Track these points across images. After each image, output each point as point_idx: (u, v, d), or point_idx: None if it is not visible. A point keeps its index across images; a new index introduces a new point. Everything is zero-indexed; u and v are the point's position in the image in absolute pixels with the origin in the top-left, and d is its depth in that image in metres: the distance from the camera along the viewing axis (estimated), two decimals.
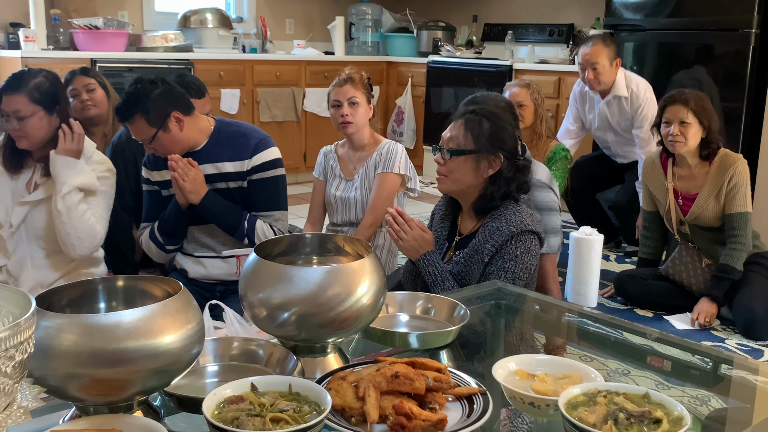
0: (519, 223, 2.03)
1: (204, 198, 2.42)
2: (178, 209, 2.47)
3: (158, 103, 2.37)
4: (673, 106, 3.01)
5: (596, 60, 3.75)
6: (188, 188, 2.39)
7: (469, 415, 1.08)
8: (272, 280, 1.19)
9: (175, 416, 1.13)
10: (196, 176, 2.40)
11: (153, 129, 2.37)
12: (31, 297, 0.88)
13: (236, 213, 2.48)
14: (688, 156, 3.06)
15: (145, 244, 2.59)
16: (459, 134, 2.08)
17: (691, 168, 3.09)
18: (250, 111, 5.53)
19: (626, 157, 4.02)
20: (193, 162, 2.41)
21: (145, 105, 2.35)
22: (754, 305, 2.93)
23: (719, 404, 1.40)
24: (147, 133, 2.38)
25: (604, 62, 3.75)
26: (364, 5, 6.53)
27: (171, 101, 2.40)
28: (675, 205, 3.12)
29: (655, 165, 3.21)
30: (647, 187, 3.25)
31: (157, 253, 2.59)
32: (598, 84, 3.81)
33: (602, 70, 3.76)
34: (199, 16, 5.61)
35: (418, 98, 6.13)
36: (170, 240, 2.55)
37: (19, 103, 2.34)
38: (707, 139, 3.01)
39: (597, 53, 3.74)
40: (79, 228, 2.41)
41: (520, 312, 1.85)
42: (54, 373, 0.96)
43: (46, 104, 2.39)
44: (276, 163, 2.52)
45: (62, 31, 4.97)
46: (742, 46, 3.97)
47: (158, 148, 2.42)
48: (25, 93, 2.35)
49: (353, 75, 2.82)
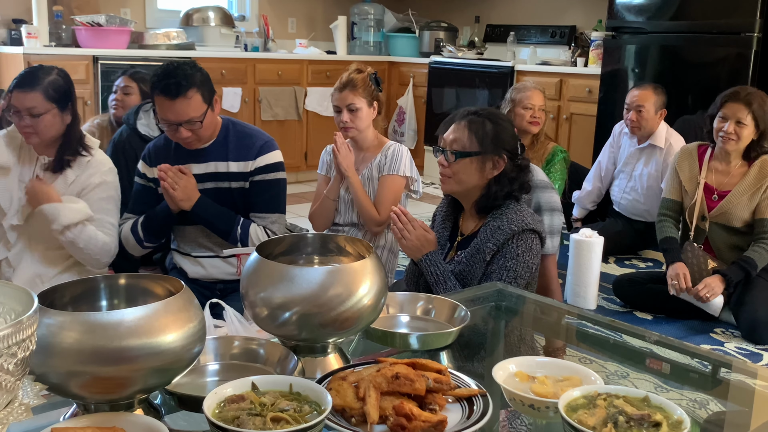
0: (520, 222, 2.03)
1: (196, 204, 2.42)
2: (168, 212, 2.46)
3: (208, 80, 2.38)
4: (734, 104, 2.97)
5: (642, 104, 3.79)
6: (179, 197, 2.38)
7: (468, 417, 1.08)
8: (273, 279, 1.20)
9: (176, 415, 1.13)
10: (187, 183, 2.39)
11: (205, 105, 2.35)
12: (34, 294, 0.88)
13: (229, 218, 2.47)
14: (732, 153, 3.06)
15: (123, 236, 2.56)
16: (463, 136, 2.08)
17: (730, 165, 3.09)
18: (252, 110, 5.53)
19: (638, 215, 4.00)
20: (185, 169, 2.40)
21: (199, 79, 2.32)
22: (756, 309, 2.94)
23: (718, 408, 1.40)
24: (200, 110, 2.34)
25: (650, 108, 3.79)
26: (366, 5, 6.53)
27: (210, 82, 2.42)
28: (702, 199, 3.12)
29: (693, 156, 3.19)
30: (677, 175, 3.23)
31: (134, 246, 2.56)
32: (638, 128, 3.83)
33: (646, 115, 3.80)
34: (201, 14, 5.62)
35: (420, 98, 6.13)
36: (151, 238, 2.54)
37: (35, 100, 2.34)
38: (758, 141, 3.01)
39: (645, 97, 3.79)
40: (93, 250, 2.44)
41: (520, 314, 1.85)
42: (55, 370, 0.97)
43: (60, 102, 2.39)
44: (278, 166, 2.52)
45: (64, 27, 4.97)
46: (744, 49, 3.97)
47: (203, 130, 2.37)
48: (40, 90, 2.35)
49: (354, 77, 2.77)
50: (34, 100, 2.34)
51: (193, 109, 2.33)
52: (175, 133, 2.38)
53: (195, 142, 2.42)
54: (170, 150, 2.51)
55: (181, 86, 2.29)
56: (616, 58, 4.60)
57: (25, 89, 2.34)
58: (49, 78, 2.38)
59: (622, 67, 4.57)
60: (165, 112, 2.34)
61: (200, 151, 2.47)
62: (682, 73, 4.22)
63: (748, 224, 3.05)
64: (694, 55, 4.23)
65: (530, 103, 3.54)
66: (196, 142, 2.43)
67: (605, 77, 4.67)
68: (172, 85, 2.29)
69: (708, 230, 3.13)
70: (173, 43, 5.24)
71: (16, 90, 2.36)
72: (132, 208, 2.60)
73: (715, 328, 3.10)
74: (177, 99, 2.30)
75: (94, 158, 2.49)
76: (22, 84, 2.36)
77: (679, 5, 4.24)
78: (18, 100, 2.35)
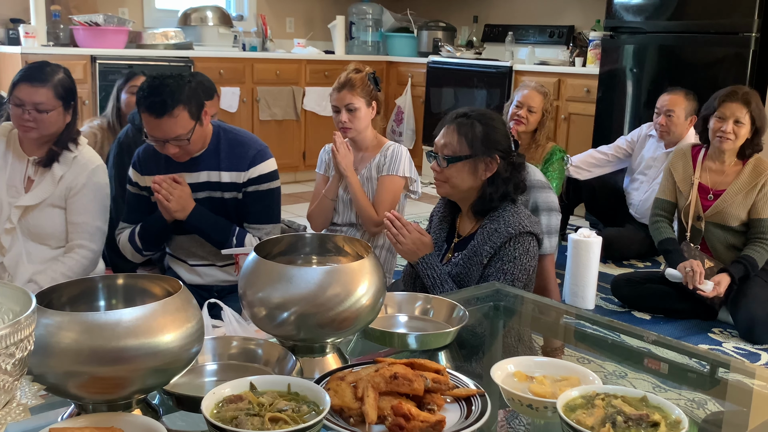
0: (517, 224, 2.03)
1: (191, 214, 2.37)
2: (163, 223, 2.41)
3: (196, 94, 2.28)
4: (732, 103, 2.97)
5: (673, 108, 3.79)
6: (174, 208, 2.33)
7: (467, 417, 1.08)
8: (272, 279, 1.20)
9: (174, 415, 1.13)
10: (182, 194, 2.34)
11: (193, 122, 2.28)
12: (32, 294, 0.88)
13: (224, 228, 2.43)
14: (727, 152, 3.06)
15: (122, 245, 2.53)
16: (453, 140, 2.08)
17: (724, 164, 3.09)
18: (250, 109, 5.53)
19: (644, 215, 3.96)
20: (179, 179, 2.35)
21: (187, 96, 2.24)
22: (755, 309, 2.94)
23: (716, 407, 1.40)
24: (188, 127, 2.26)
25: (680, 113, 3.79)
26: (364, 5, 6.53)
27: (202, 92, 2.34)
28: (697, 199, 3.12)
29: (686, 156, 3.20)
30: (671, 176, 3.23)
31: (132, 254, 2.53)
32: (667, 133, 3.82)
33: (676, 120, 3.79)
34: (199, 14, 5.62)
35: (418, 98, 6.13)
36: (149, 247, 2.51)
37: (44, 96, 2.33)
38: (752, 140, 3.02)
39: (676, 102, 3.79)
40: (79, 273, 2.45)
41: (518, 314, 1.85)
42: (53, 370, 0.96)
43: (65, 101, 2.39)
44: (272, 175, 2.47)
45: (62, 27, 4.97)
46: (742, 49, 3.98)
47: (191, 146, 2.31)
48: (50, 87, 2.34)
49: (352, 77, 2.76)
50: (43, 95, 2.33)
51: (180, 127, 2.25)
52: (162, 148, 2.32)
53: (183, 155, 2.37)
54: (160, 158, 2.44)
55: (166, 105, 2.20)
56: (614, 58, 4.61)
57: (35, 84, 2.33)
58: (58, 76, 2.38)
59: (621, 67, 4.58)
60: (151, 130, 2.27)
61: (191, 160, 2.42)
62: (680, 73, 4.22)
63: (744, 223, 3.06)
64: (692, 55, 4.23)
65: (520, 101, 3.59)
66: (185, 155, 2.37)
67: (603, 77, 4.67)
68: (158, 103, 2.21)
69: (704, 230, 3.13)
70: (171, 42, 5.23)
71: (24, 83, 2.33)
72: (127, 216, 2.55)
73: (713, 327, 3.10)
74: (162, 118, 2.22)
75: (80, 155, 2.47)
76: (32, 78, 2.34)
77: (678, 5, 4.25)
78: (26, 93, 2.32)
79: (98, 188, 2.49)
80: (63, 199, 2.45)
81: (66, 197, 2.45)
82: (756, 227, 3.03)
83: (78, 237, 2.47)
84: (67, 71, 2.45)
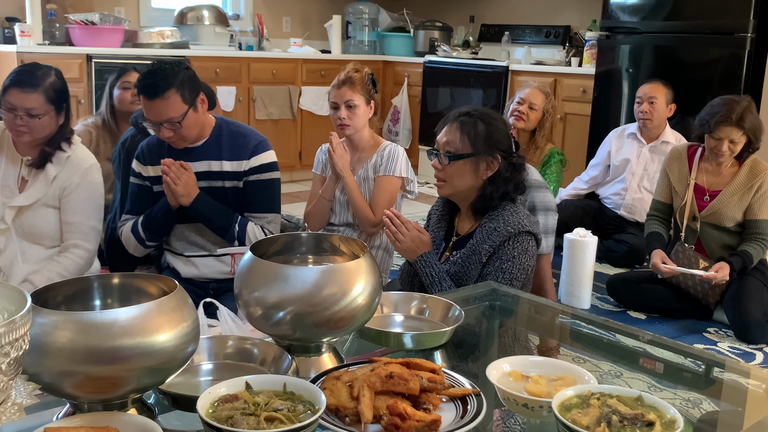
0: (516, 223, 2.03)
1: (195, 200, 2.41)
2: (168, 209, 2.45)
3: (191, 80, 2.37)
4: (727, 127, 2.96)
5: (655, 95, 3.90)
6: (180, 192, 2.37)
7: (462, 416, 1.09)
8: (268, 279, 1.20)
9: (169, 414, 1.13)
10: (188, 179, 2.39)
11: (185, 106, 2.34)
12: (27, 294, 0.88)
13: (227, 216, 2.47)
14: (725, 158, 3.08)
15: (124, 237, 2.55)
16: (455, 138, 2.08)
17: (720, 165, 3.10)
18: (246, 109, 5.52)
19: (633, 211, 4.01)
20: (186, 164, 2.39)
21: (180, 80, 2.32)
22: (749, 308, 2.95)
23: (711, 407, 1.40)
24: (179, 110, 2.33)
25: (662, 100, 3.90)
26: (361, 4, 6.53)
27: (198, 82, 2.41)
28: (692, 199, 3.13)
29: (682, 157, 3.22)
30: (667, 177, 3.25)
31: (135, 247, 2.56)
32: (650, 120, 3.90)
33: (659, 107, 3.90)
34: (195, 13, 5.61)
35: (414, 98, 6.13)
36: (153, 237, 2.53)
37: (35, 101, 2.32)
38: (749, 145, 3.03)
39: (656, 90, 3.91)
40: (74, 273, 2.44)
41: (514, 313, 1.86)
42: (49, 370, 0.96)
43: (57, 104, 2.39)
44: (273, 166, 2.52)
45: (58, 26, 4.95)
46: (738, 49, 3.99)
47: (184, 131, 2.37)
48: (41, 92, 2.33)
49: (352, 75, 2.78)
50: (35, 101, 2.32)
51: (172, 110, 2.33)
52: (159, 131, 2.40)
53: (179, 141, 2.42)
54: (164, 149, 2.49)
55: (158, 87, 2.29)
56: (610, 58, 4.61)
57: (26, 89, 2.32)
58: (50, 79, 2.37)
59: (617, 67, 4.59)
60: (146, 111, 2.38)
61: (193, 149, 2.46)
62: (676, 73, 4.23)
63: (740, 224, 3.07)
64: (688, 56, 4.24)
65: (522, 98, 3.64)
66: (180, 141, 2.42)
67: (599, 77, 4.68)
68: (150, 85, 2.31)
69: (699, 230, 3.14)
70: (167, 41, 5.23)
71: (14, 88, 2.33)
72: (130, 208, 2.58)
73: (708, 327, 3.11)
74: (155, 99, 2.31)
75: (74, 154, 2.46)
76: (23, 83, 2.33)
77: (673, 5, 4.26)
78: (17, 99, 2.32)
79: (92, 187, 2.49)
80: (57, 198, 2.44)
81: (60, 197, 2.44)
82: (752, 227, 3.04)
83: (73, 236, 2.47)
84: (59, 72, 2.44)
